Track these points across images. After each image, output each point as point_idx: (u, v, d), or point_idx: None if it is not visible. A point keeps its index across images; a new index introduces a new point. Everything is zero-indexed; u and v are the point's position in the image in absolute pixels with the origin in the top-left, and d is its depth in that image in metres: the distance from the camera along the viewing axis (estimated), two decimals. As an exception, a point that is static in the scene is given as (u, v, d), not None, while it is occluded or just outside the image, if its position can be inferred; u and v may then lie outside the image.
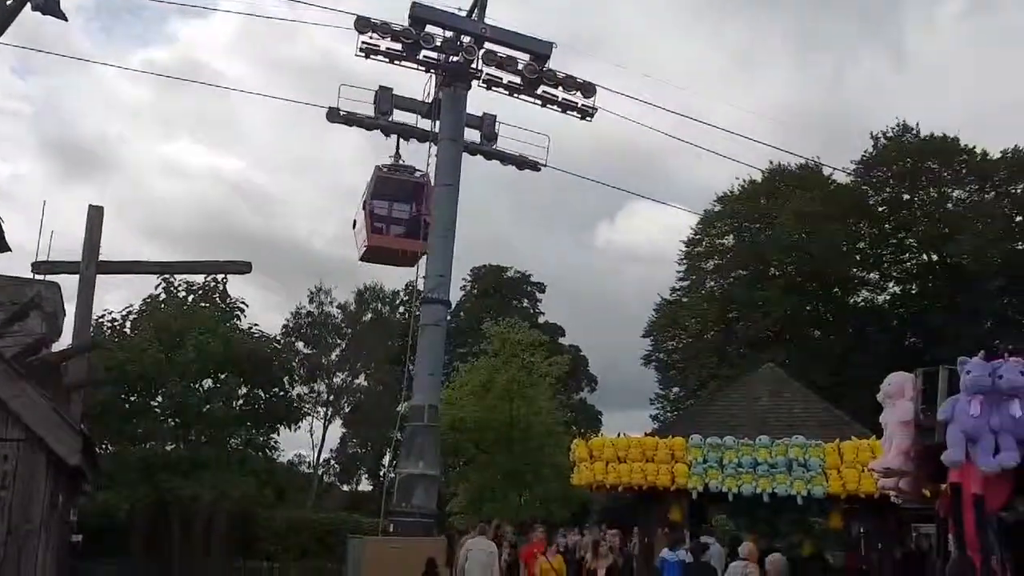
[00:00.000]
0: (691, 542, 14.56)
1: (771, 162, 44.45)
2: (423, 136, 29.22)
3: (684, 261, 47.13)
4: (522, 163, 30.24)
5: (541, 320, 54.30)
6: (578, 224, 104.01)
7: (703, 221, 46.17)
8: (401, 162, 28.17)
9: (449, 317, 36.41)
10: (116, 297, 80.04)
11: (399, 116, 29.66)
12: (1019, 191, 40.87)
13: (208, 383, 23.99)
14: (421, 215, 27.23)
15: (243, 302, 25.69)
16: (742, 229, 45.37)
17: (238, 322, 25.30)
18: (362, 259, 29.10)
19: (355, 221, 28.95)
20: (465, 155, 29.16)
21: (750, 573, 12.43)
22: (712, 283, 45.79)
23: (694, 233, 46.66)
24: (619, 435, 19.22)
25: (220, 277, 24.68)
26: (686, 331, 45.98)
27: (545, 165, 30.08)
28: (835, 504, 17.21)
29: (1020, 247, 39.07)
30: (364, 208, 26.06)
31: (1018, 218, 40.29)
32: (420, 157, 29.63)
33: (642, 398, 52.48)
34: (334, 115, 28.81)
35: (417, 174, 27.60)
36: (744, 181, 45.57)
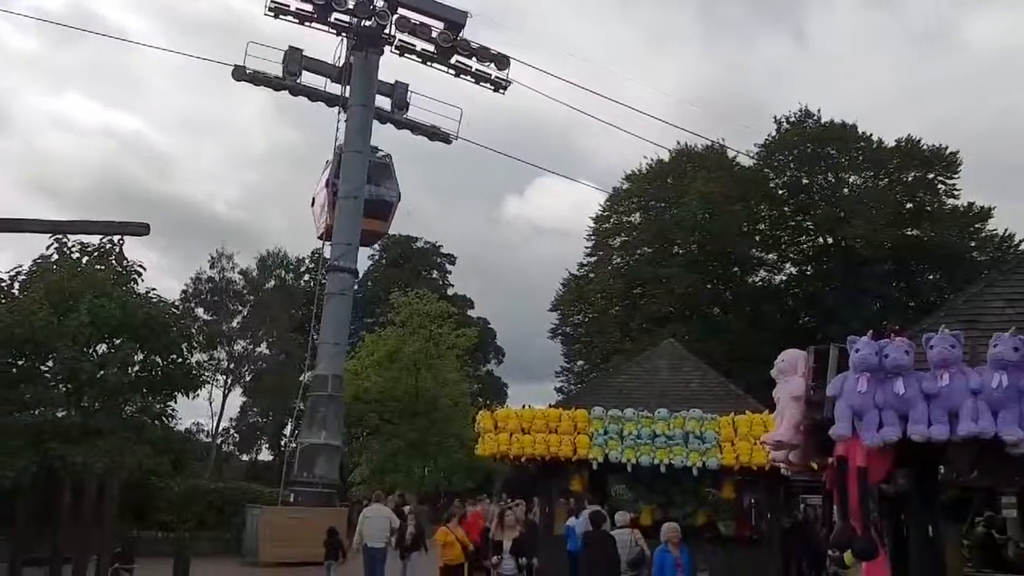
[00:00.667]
0: (589, 511, 14.77)
1: (678, 142, 45.44)
2: (332, 100, 28.70)
3: (592, 237, 47.71)
4: (433, 134, 30.06)
5: (450, 292, 54.24)
6: (488, 197, 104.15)
7: (611, 198, 46.84)
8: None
9: (356, 286, 36.05)
10: (3, 258, 76.31)
11: (308, 79, 29.07)
12: (910, 179, 42.74)
13: (102, 348, 23.09)
14: (383, 195, 27.03)
15: (140, 265, 24.72)
16: (649, 207, 46.15)
17: (135, 286, 24.34)
18: (321, 237, 28.93)
19: (313, 199, 28.51)
20: (375, 123, 28.81)
21: (639, 538, 12.81)
22: (618, 259, 46.48)
23: (602, 210, 47.31)
24: (524, 407, 19.36)
25: (116, 239, 23.67)
26: (592, 306, 46.63)
27: (457, 137, 29.96)
28: (728, 475, 17.77)
29: (909, 233, 40.93)
30: (326, 187, 25.73)
31: (908, 205, 42.17)
32: (328, 121, 29.17)
33: (548, 371, 53.34)
34: (240, 73, 28.01)
35: (379, 154, 27.39)
36: (652, 160, 46.45)
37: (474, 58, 29.43)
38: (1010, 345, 6.39)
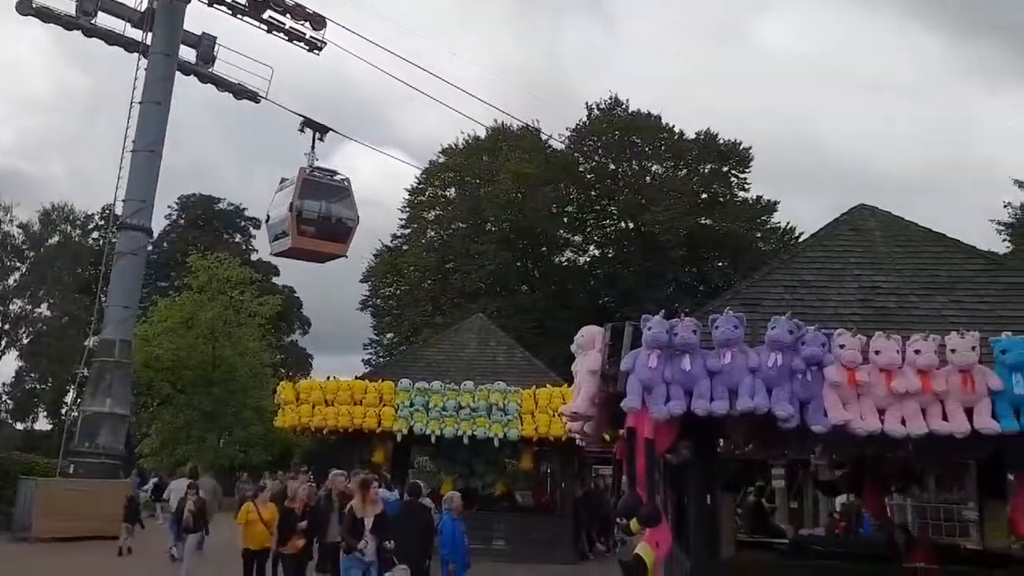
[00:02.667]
0: (407, 484, 14.64)
1: (495, 120, 45.87)
2: (131, 46, 26.87)
3: (407, 209, 47.43)
4: (240, 92, 28.83)
5: (254, 257, 52.24)
6: (293, 160, 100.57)
7: (427, 171, 46.69)
8: (316, 162, 26.62)
9: (150, 246, 33.98)
10: None
11: (105, 20, 27.03)
12: (706, 171, 45.43)
13: None
14: (344, 218, 26.01)
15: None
16: (464, 183, 46.41)
17: None
18: (279, 255, 27.36)
19: (268, 215, 26.84)
20: (178, 75, 27.29)
21: (433, 508, 13.06)
22: (433, 233, 46.51)
23: (418, 182, 47.09)
24: (329, 378, 19.13)
25: None
26: (405, 278, 46.42)
27: (265, 98, 28.85)
28: (527, 446, 18.39)
29: (703, 222, 43.55)
30: (290, 210, 24.60)
31: (703, 195, 44.84)
32: (123, 67, 27.24)
33: (356, 342, 52.43)
34: (25, 6, 25.77)
35: (337, 177, 26.25)
36: (469, 136, 46.69)
37: (288, 15, 28.41)
38: (785, 328, 6.92)
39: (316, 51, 29.09)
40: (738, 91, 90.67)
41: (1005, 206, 34.02)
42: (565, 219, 45.75)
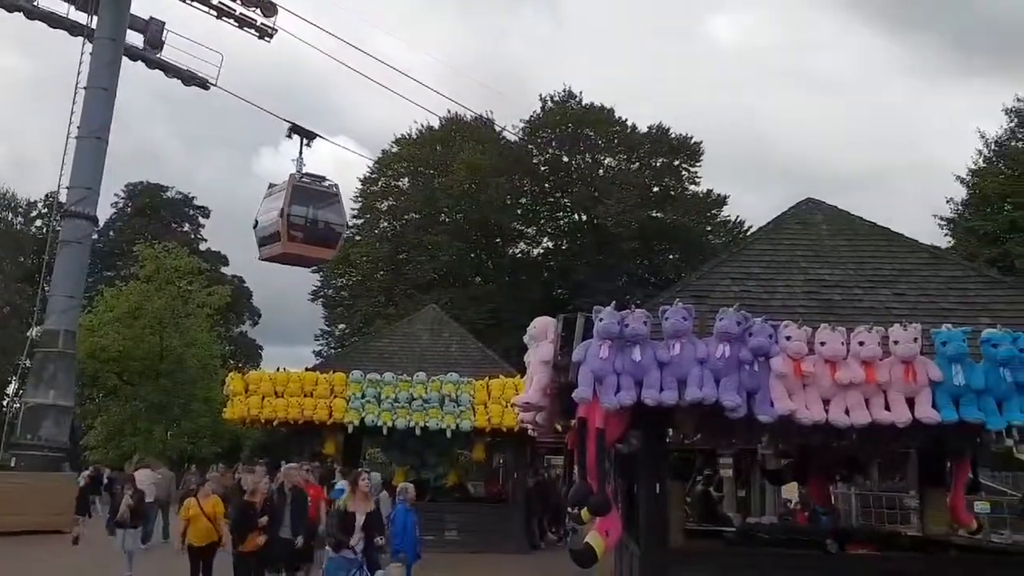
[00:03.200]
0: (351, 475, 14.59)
1: (448, 111, 45.67)
2: (75, 29, 26.25)
3: (359, 199, 47.03)
4: (189, 78, 28.30)
5: (203, 247, 51.34)
6: (242, 148, 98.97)
7: (380, 161, 46.32)
8: (304, 168, 26.11)
9: (96, 235, 33.24)
10: None
11: (48, 2, 26.39)
12: (658, 164, 45.80)
13: None
14: (333, 224, 25.57)
15: None
16: (417, 173, 46.15)
17: None
18: (268, 260, 26.83)
19: (256, 221, 26.28)
20: (125, 60, 26.71)
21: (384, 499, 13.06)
22: (386, 223, 46.19)
23: (371, 172, 46.70)
24: (278, 370, 18.93)
25: None
26: (357, 269, 46.04)
27: (215, 84, 28.35)
28: (480, 437, 18.42)
29: (654, 215, 43.93)
30: (281, 216, 24.13)
31: (655, 189, 45.20)
32: (67, 50, 26.59)
33: (307, 334, 51.92)
34: (-38, -13, 24.94)
35: (326, 183, 25.84)
36: (422, 126, 46.42)
37: (238, 1, 27.98)
38: (733, 320, 7.03)
39: (267, 38, 28.71)
40: (690, 86, 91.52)
41: (947, 202, 34.81)
42: (519, 211, 45.78)
